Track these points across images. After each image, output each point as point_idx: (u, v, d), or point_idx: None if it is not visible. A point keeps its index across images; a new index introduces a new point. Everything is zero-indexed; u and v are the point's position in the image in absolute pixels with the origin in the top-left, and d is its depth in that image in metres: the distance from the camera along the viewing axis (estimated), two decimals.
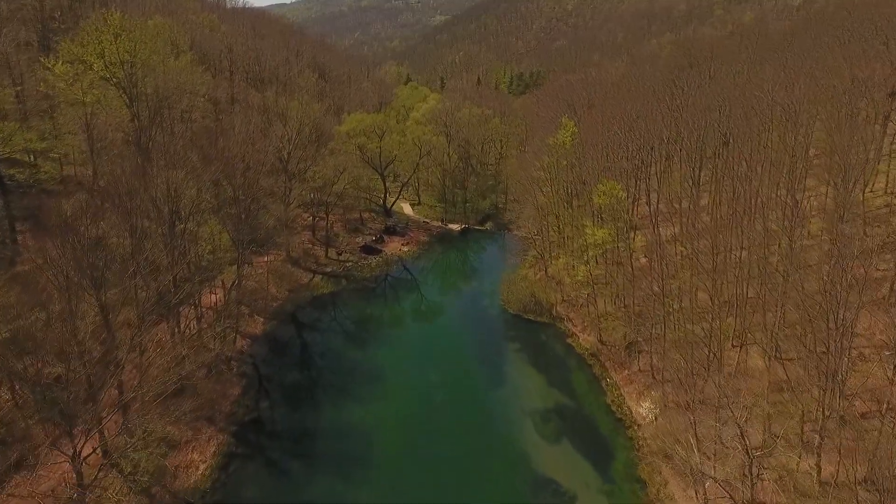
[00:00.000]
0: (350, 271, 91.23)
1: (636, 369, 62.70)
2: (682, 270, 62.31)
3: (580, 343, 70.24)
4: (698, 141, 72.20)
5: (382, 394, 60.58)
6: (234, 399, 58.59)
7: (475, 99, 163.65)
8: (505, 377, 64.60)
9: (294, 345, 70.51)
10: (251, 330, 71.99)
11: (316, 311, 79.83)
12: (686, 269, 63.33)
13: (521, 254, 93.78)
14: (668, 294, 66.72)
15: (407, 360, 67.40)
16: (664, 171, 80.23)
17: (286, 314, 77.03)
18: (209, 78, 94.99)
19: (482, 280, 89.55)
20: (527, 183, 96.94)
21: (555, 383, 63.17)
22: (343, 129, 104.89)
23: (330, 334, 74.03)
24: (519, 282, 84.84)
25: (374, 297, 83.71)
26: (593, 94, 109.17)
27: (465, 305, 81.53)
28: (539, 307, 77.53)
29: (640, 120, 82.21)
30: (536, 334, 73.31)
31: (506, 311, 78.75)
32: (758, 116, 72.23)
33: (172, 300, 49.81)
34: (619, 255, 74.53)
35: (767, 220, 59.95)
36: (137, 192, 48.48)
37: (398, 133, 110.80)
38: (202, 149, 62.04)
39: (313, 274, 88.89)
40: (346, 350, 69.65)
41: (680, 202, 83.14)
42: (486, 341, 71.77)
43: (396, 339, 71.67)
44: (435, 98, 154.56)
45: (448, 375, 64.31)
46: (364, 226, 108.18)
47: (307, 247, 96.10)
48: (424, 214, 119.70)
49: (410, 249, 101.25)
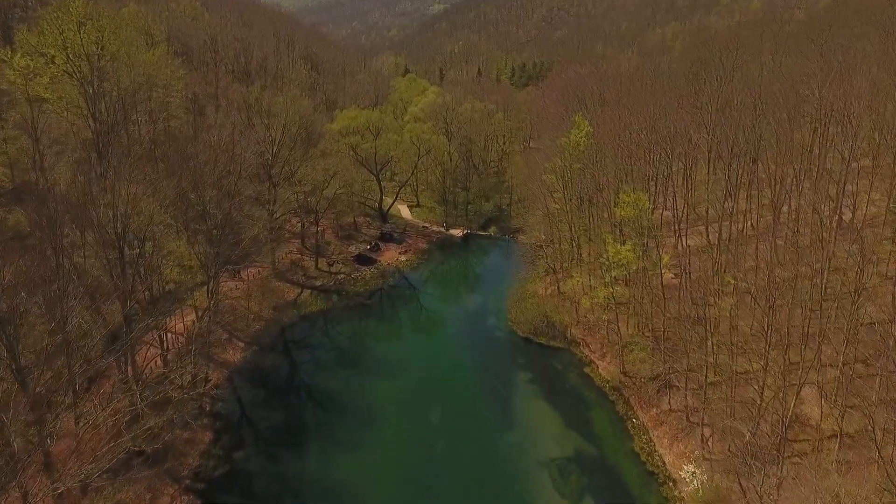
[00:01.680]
0: (342, 285, 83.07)
1: (666, 408, 54.81)
2: (722, 295, 54.16)
3: (600, 373, 62.29)
4: (730, 143, 63.82)
5: (376, 440, 52.68)
6: (204, 448, 50.62)
7: (476, 92, 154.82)
8: (515, 417, 56.70)
9: (277, 377, 62.47)
10: (228, 358, 63.92)
11: (303, 335, 71.71)
12: (727, 294, 55.21)
13: (529, 264, 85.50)
14: (703, 320, 58.75)
15: (405, 395, 59.44)
16: (691, 176, 71.92)
17: (269, 338, 68.91)
18: (186, 72, 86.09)
19: (487, 295, 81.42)
20: (535, 187, 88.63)
21: (573, 424, 55.28)
22: (335, 127, 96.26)
23: (318, 363, 65.96)
24: (528, 299, 76.74)
25: (368, 317, 75.59)
26: (605, 89, 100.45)
27: (469, 326, 73.46)
28: (552, 329, 69.49)
29: (662, 119, 73.73)
30: (550, 362, 65.34)
31: (514, 332, 70.72)
32: (800, 116, 63.87)
33: (125, 341, 41.63)
34: (643, 272, 66.44)
35: (823, 237, 51.82)
36: (81, 210, 40.07)
37: (395, 131, 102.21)
38: (167, 156, 53.54)
39: (301, 289, 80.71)
40: (335, 382, 61.64)
41: (707, 211, 75.03)
42: (494, 370, 63.80)
43: (393, 369, 63.67)
44: (434, 91, 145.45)
45: (451, 415, 56.39)
46: (358, 232, 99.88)
47: (295, 257, 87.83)
48: (423, 218, 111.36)
49: (408, 258, 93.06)
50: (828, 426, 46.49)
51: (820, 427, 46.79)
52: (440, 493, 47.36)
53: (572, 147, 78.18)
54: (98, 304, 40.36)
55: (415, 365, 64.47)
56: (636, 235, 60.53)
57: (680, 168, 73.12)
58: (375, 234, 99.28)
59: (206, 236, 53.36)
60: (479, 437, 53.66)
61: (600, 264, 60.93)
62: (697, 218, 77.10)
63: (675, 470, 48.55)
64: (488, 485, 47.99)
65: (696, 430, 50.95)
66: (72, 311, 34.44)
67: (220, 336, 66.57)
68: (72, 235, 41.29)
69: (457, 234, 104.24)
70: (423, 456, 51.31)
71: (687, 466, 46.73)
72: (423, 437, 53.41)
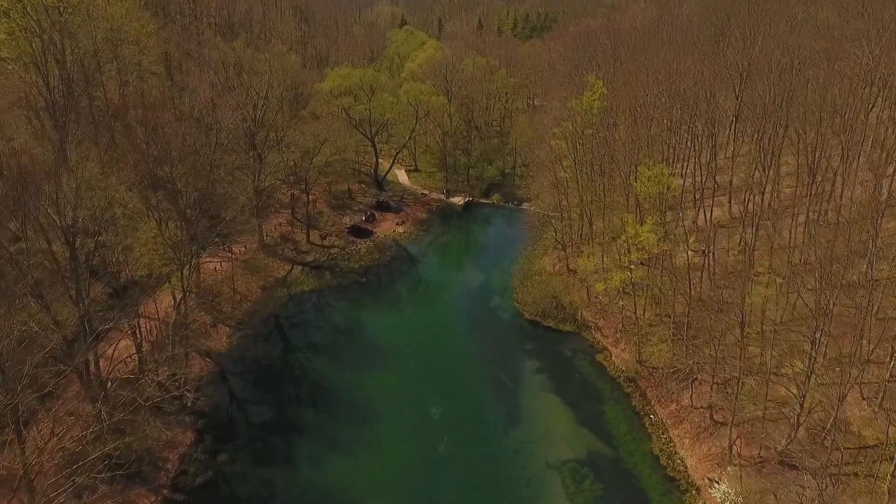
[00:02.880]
0: (335, 260, 77.70)
1: (687, 403, 50.42)
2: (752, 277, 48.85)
3: (613, 362, 57.73)
4: (761, 107, 57.28)
5: (373, 439, 48.49)
6: (184, 451, 46.36)
7: (477, 46, 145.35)
8: (523, 412, 52.36)
9: (265, 366, 57.84)
10: (213, 346, 59.17)
11: (294, 317, 66.82)
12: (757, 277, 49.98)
13: (535, 237, 79.98)
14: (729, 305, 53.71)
15: (403, 386, 55.02)
16: (715, 143, 65.49)
17: (257, 322, 63.99)
18: (160, 25, 77.91)
19: (491, 271, 76.15)
20: (543, 153, 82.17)
21: (585, 420, 51.00)
22: (325, 86, 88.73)
23: (310, 350, 61.30)
24: (535, 276, 71.65)
25: (363, 296, 70.55)
26: (619, 45, 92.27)
27: (472, 307, 68.48)
28: (561, 311, 64.66)
29: (684, 79, 66.72)
30: (559, 348, 60.73)
31: (520, 314, 65.87)
32: (842, 77, 57.12)
33: (84, 344, 36.53)
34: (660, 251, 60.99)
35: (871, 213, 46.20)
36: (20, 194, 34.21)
37: (391, 91, 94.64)
38: (130, 128, 47.15)
39: (292, 265, 75.39)
40: (329, 372, 57.13)
41: (731, 181, 69.00)
42: (499, 358, 59.20)
43: (390, 356, 59.04)
44: (433, 45, 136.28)
45: (453, 410, 52.06)
46: (352, 200, 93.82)
47: (285, 230, 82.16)
48: (422, 184, 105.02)
49: (406, 230, 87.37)
50: (870, 434, 42.12)
51: (861, 434, 42.40)
52: (442, 501, 43.40)
53: (584, 110, 71.37)
54: (48, 304, 35.04)
55: (414, 352, 59.82)
56: (657, 213, 54.78)
57: (702, 134, 66.59)
58: (371, 202, 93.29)
59: (179, 217, 47.49)
60: (483, 435, 49.45)
61: (617, 246, 55.39)
62: (719, 188, 71.18)
63: (698, 476, 44.48)
64: (494, 491, 44.04)
65: (721, 431, 46.65)
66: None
67: (204, 321, 61.73)
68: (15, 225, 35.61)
69: (458, 202, 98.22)
70: (424, 458, 47.21)
71: (717, 481, 42.41)
72: (423, 437, 49.19)
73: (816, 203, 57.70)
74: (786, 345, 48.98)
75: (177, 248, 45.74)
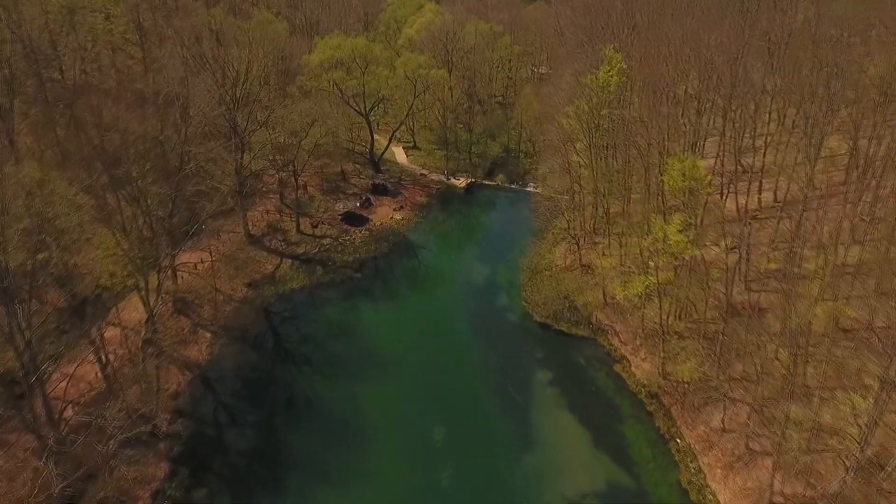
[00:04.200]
0: (328, 252, 71.65)
1: (718, 426, 45.33)
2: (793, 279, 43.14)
3: (633, 373, 52.48)
4: (810, 89, 50.50)
5: (369, 468, 43.55)
6: (157, 487, 41.40)
7: (478, 10, 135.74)
8: (535, 433, 47.36)
9: (249, 379, 52.56)
10: (191, 355, 53.71)
11: (281, 320, 61.30)
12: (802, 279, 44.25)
13: (544, 225, 73.84)
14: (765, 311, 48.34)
15: (402, 403, 49.89)
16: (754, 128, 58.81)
17: (241, 326, 58.46)
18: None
19: (496, 265, 70.22)
20: (552, 134, 75.31)
21: (604, 443, 46.04)
22: (314, 59, 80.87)
23: (299, 357, 56.00)
24: (544, 272, 65.88)
25: (357, 295, 64.79)
26: (636, 11, 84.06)
27: (477, 307, 62.83)
28: (574, 313, 59.18)
29: (716, 53, 59.52)
30: (572, 356, 55.43)
31: (530, 316, 60.36)
32: None
33: (26, 384, 30.90)
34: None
35: None
36: None
37: (386, 64, 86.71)
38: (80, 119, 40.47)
39: (280, 259, 69.40)
40: (319, 385, 51.95)
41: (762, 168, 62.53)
42: (507, 368, 53.95)
43: (388, 367, 53.72)
44: (431, 9, 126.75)
45: (457, 431, 47.03)
46: (346, 183, 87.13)
47: (273, 218, 75.85)
48: (421, 163, 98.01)
49: (404, 216, 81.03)
50: None
51: None
52: None
53: (600, 87, 64.32)
54: None
55: (413, 362, 54.48)
56: (687, 210, 48.53)
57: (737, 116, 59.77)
58: (367, 185, 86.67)
59: (144, 220, 41.26)
60: (491, 461, 44.55)
61: (639, 246, 49.41)
62: (748, 172, 64.73)
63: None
64: None
65: (758, 461, 41.75)
66: None
67: (182, 327, 56.20)
68: None
69: (459, 183, 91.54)
70: (425, 489, 42.36)
71: None
72: (424, 463, 44.29)
73: (865, 195, 51.50)
74: (832, 363, 43.63)
75: (141, 255, 39.61)
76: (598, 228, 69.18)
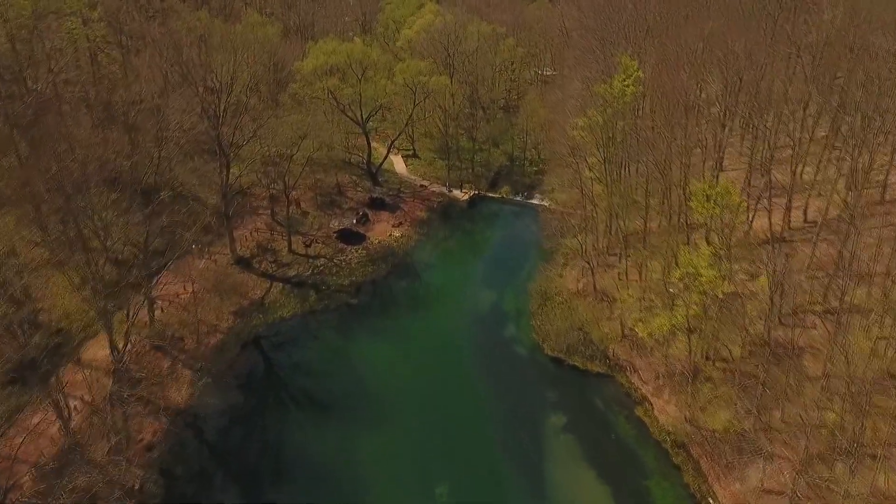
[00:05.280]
0: (322, 274, 66.71)
1: (756, 484, 40.52)
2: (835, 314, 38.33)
3: (656, 418, 47.60)
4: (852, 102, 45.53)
5: None
6: None
7: (480, 10, 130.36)
8: (550, 489, 42.62)
9: (233, 426, 47.77)
10: (171, 398, 48.83)
11: (270, 353, 56.55)
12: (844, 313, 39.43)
13: (553, 243, 68.89)
14: (802, 350, 43.69)
15: (401, 451, 45.18)
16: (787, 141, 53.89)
17: (226, 361, 53.65)
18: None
19: (503, 288, 65.24)
20: (560, 146, 70.45)
21: (625, 502, 41.24)
22: (307, 66, 75.73)
23: (288, 399, 51.21)
24: (555, 297, 60.98)
25: (353, 323, 59.87)
26: (650, 13, 78.77)
27: (483, 338, 57.93)
28: (588, 346, 54.34)
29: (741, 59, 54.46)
30: (589, 396, 50.61)
31: (540, 348, 55.51)
32: None
33: None
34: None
35: None
36: None
37: (384, 69, 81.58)
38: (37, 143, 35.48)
39: (270, 283, 64.49)
40: (311, 432, 47.14)
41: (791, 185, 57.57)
42: (516, 411, 49.16)
43: (386, 408, 48.98)
44: (431, 9, 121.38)
45: (463, 485, 42.25)
46: (342, 196, 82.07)
47: (263, 237, 70.86)
48: (421, 173, 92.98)
49: (404, 233, 76.03)
50: None
51: None
52: None
53: (616, 98, 59.30)
54: None
55: (414, 404, 49.70)
56: (718, 241, 43.55)
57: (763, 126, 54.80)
58: (364, 198, 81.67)
59: (105, 259, 36.36)
60: None
61: (664, 281, 44.54)
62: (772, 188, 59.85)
63: None
64: None
65: None
66: None
67: (160, 365, 51.37)
68: None
69: (462, 196, 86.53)
70: None
71: None
72: None
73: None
74: (883, 413, 38.82)
75: (106, 296, 34.75)
76: (612, 247, 64.34)
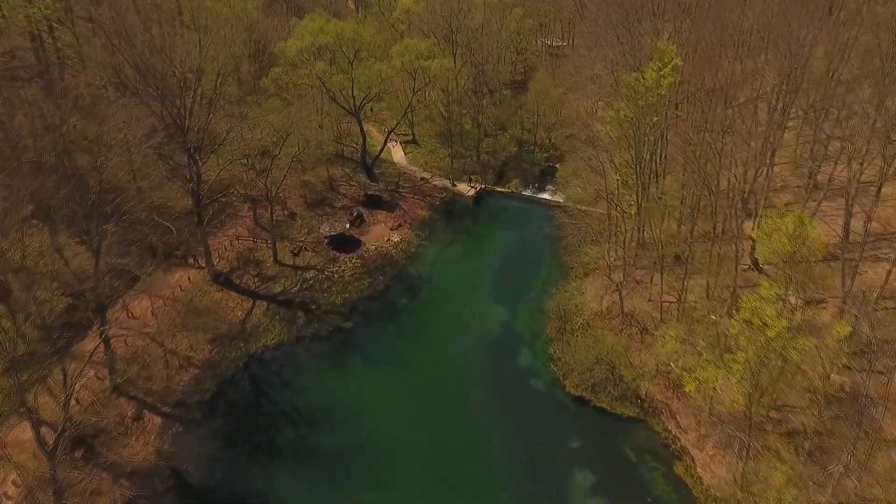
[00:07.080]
0: (311, 290, 59.19)
1: None
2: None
3: (699, 476, 40.90)
4: None
5: None
6: None
7: None
8: None
9: (208, 487, 40.97)
10: (134, 455, 42.06)
11: (252, 394, 49.40)
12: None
13: (571, 252, 61.25)
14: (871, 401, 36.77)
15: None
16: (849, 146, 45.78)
17: (200, 404, 46.63)
18: None
19: (515, 306, 57.78)
20: (579, 144, 62.29)
21: None
22: (291, 48, 66.31)
23: (271, 453, 44.01)
24: (575, 318, 53.69)
25: (347, 353, 52.55)
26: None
27: (494, 371, 50.76)
28: (616, 383, 47.34)
29: (807, 49, 45.82)
30: (619, 446, 43.79)
31: (559, 384, 48.51)
32: None
33: None
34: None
35: None
36: None
37: (379, 49, 72.30)
38: None
39: (253, 301, 57.03)
40: (300, 494, 40.43)
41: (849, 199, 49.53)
42: (536, 464, 42.37)
43: (383, 463, 42.29)
44: None
45: None
46: (334, 193, 73.79)
47: (245, 245, 63.00)
48: (422, 163, 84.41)
49: (403, 237, 68.16)
50: None
51: None
52: None
53: (649, 89, 50.75)
54: None
55: (415, 455, 42.94)
56: (785, 277, 35.84)
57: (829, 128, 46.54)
58: (358, 195, 73.55)
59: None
60: None
61: (716, 332, 37.08)
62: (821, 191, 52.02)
63: None
64: None
65: None
66: None
67: (123, 412, 44.39)
68: None
69: (467, 191, 78.33)
70: None
71: None
72: None
73: None
74: None
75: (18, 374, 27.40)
76: (639, 258, 56.79)
